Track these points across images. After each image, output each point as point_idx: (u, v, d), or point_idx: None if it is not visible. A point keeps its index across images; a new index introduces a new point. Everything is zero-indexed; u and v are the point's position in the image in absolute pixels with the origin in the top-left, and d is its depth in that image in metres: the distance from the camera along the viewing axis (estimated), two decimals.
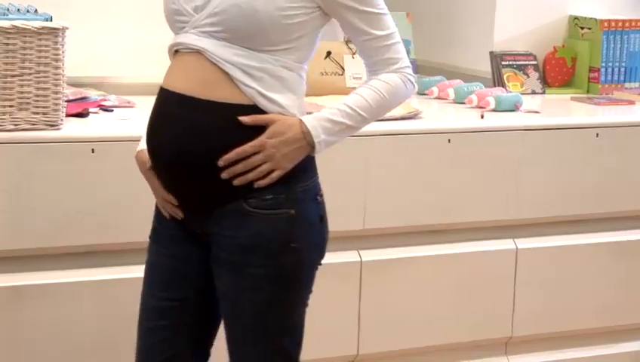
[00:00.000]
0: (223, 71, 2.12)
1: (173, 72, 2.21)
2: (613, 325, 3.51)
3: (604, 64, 3.82)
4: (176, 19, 2.21)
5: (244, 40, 2.12)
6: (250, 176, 2.14)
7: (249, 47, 2.13)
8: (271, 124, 2.14)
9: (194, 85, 2.14)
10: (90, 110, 2.89)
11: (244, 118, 2.14)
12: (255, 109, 2.15)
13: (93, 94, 2.94)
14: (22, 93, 2.63)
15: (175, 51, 2.21)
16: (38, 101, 2.65)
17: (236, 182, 2.15)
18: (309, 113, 2.24)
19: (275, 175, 2.17)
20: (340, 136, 2.24)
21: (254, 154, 2.14)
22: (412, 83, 2.29)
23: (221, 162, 2.13)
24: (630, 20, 3.87)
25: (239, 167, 2.14)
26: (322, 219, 2.30)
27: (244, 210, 2.20)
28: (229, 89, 2.13)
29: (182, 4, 2.19)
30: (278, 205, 2.22)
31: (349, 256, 3.09)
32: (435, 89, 3.58)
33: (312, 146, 2.18)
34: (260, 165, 2.15)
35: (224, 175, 2.14)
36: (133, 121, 2.78)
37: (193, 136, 2.14)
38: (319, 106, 2.92)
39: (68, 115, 2.79)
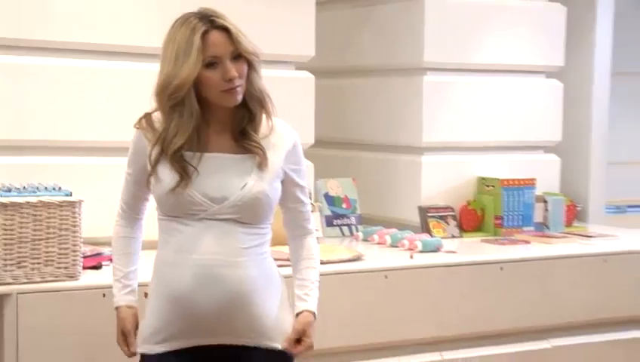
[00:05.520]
0: None
1: None
2: None
3: (505, 213, 3.82)
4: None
5: None
6: None
7: None
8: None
9: None
10: (103, 263, 2.84)
11: None
12: None
13: (106, 250, 2.87)
14: (47, 252, 2.60)
15: None
16: (60, 258, 2.62)
17: None
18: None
19: None
20: None
21: None
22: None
23: None
24: (524, 179, 3.89)
25: None
26: None
27: None
28: None
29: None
30: None
31: None
32: (375, 236, 3.56)
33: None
34: None
35: None
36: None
37: None
38: (283, 253, 2.85)
39: (85, 268, 2.74)
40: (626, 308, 3.58)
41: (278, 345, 2.26)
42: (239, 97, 2.19)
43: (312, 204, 3.50)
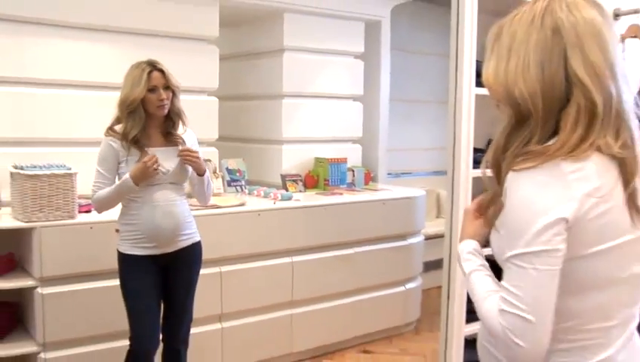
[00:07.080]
0: None
1: None
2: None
3: (330, 177, 3.86)
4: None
5: None
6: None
7: None
8: None
9: None
10: (92, 209, 2.79)
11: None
12: None
13: None
14: (57, 203, 2.61)
15: None
16: (65, 206, 2.63)
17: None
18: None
19: None
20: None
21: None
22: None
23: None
24: (341, 158, 3.93)
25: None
26: None
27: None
28: None
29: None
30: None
31: (214, 269, 3.03)
32: (255, 191, 3.57)
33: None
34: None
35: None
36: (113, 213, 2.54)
37: None
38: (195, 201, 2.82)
39: (80, 212, 2.75)
40: (395, 229, 3.67)
41: (193, 240, 2.34)
42: (166, 111, 2.28)
43: (216, 173, 3.57)
